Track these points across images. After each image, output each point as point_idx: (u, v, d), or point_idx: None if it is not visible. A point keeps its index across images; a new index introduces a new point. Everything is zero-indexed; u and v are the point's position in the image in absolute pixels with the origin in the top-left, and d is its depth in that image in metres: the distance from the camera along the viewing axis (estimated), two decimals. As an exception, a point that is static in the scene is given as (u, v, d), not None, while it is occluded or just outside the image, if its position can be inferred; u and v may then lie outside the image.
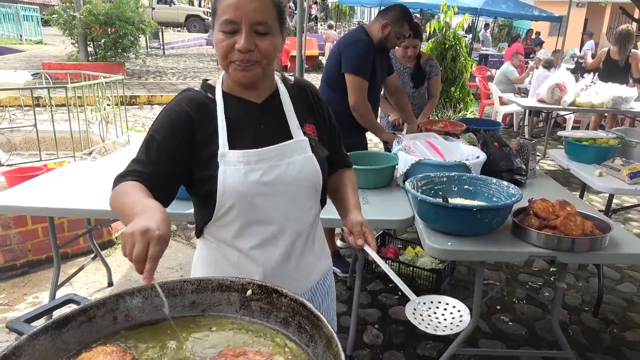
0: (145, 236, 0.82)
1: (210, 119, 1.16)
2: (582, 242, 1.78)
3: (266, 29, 1.08)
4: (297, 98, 1.27)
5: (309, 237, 1.28)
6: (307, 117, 1.26)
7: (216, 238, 1.22)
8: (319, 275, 1.34)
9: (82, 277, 3.16)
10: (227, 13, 1.06)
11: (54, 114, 4.18)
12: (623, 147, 3.03)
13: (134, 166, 1.11)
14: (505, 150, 2.54)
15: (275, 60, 1.17)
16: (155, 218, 0.86)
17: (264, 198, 1.15)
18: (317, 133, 1.27)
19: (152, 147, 1.12)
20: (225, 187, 1.12)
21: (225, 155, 1.13)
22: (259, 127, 1.18)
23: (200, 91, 1.21)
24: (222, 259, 1.23)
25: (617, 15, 18.66)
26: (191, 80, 11.59)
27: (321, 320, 0.82)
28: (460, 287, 3.24)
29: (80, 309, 0.87)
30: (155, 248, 0.83)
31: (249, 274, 1.18)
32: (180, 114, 1.15)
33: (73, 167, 2.86)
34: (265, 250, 1.19)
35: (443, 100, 7.46)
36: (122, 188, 1.05)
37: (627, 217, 4.58)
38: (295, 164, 1.18)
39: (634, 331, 2.82)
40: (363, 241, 1.21)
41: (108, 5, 10.57)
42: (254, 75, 1.12)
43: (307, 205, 1.24)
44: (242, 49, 1.07)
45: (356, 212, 1.29)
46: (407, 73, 3.56)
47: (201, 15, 23.43)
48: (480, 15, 13.90)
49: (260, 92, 1.21)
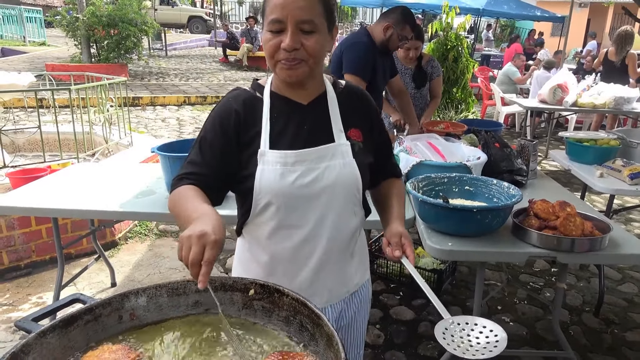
0: (202, 240, 0.85)
1: (256, 117, 1.17)
2: (582, 243, 1.79)
3: (312, 27, 1.08)
4: (346, 102, 1.25)
5: (348, 246, 1.25)
6: (353, 121, 1.24)
7: (252, 238, 1.23)
8: (354, 287, 1.31)
9: (85, 278, 3.19)
10: (273, 12, 1.07)
11: (58, 116, 4.21)
12: (624, 147, 3.04)
13: (189, 168, 1.14)
14: (506, 151, 2.55)
15: (323, 59, 1.16)
16: (212, 223, 0.89)
17: (298, 200, 1.14)
18: (362, 139, 1.24)
19: (205, 147, 1.15)
20: (261, 185, 1.13)
21: (264, 154, 1.13)
22: (302, 128, 1.18)
23: (249, 90, 1.22)
24: (254, 260, 1.24)
25: (620, 16, 18.62)
26: (194, 82, 11.63)
27: (322, 319, 0.84)
28: (462, 287, 3.26)
29: (86, 308, 0.88)
30: (211, 252, 0.85)
31: (277, 277, 1.19)
32: (230, 113, 1.17)
33: (76, 169, 2.89)
34: (297, 255, 1.19)
35: (445, 101, 7.46)
36: (180, 192, 1.08)
37: (628, 218, 4.58)
38: (334, 168, 1.16)
39: (635, 331, 2.83)
40: (401, 253, 1.17)
41: (111, 7, 10.61)
42: (300, 74, 1.11)
43: (346, 212, 1.21)
44: (287, 48, 1.07)
45: (397, 222, 1.25)
46: (408, 74, 3.58)
47: (203, 16, 23.51)
48: (482, 15, 13.88)
49: (307, 93, 1.20)
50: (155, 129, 7.50)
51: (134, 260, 3.49)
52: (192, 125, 7.87)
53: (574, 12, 7.12)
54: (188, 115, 8.64)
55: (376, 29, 2.92)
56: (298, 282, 1.20)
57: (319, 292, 1.23)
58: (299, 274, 1.20)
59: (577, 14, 15.89)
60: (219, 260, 3.54)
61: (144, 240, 3.81)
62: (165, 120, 8.17)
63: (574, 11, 7.56)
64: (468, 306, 2.96)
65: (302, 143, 1.15)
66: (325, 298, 1.25)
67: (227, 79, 12.46)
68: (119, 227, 3.70)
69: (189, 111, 9.02)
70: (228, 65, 14.76)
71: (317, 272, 1.21)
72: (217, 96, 9.96)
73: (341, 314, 1.31)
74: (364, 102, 1.30)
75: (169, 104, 9.45)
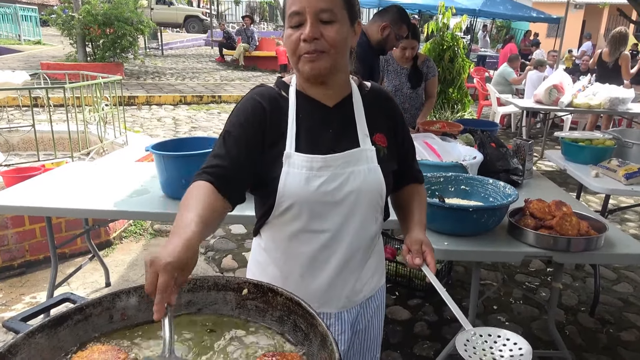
0: (153, 267, 0.81)
1: (281, 116, 1.14)
2: (578, 242, 1.79)
3: (331, 17, 1.05)
4: (371, 105, 1.22)
5: (366, 251, 1.24)
6: (378, 126, 1.21)
7: (269, 239, 1.21)
8: (370, 291, 1.29)
9: (79, 277, 3.16)
10: (292, 6, 1.05)
11: (52, 114, 4.18)
12: (619, 147, 3.04)
13: (213, 160, 1.09)
14: (502, 151, 2.55)
15: (346, 52, 1.12)
16: (173, 244, 0.84)
17: (322, 205, 1.12)
18: (387, 144, 1.21)
19: (229, 141, 1.11)
20: (285, 188, 1.10)
21: (290, 157, 1.11)
22: (328, 131, 1.15)
23: (274, 88, 1.19)
24: (271, 262, 1.22)
25: (615, 17, 18.70)
26: (190, 81, 11.59)
27: (316, 319, 0.83)
28: (458, 287, 3.25)
29: (76, 307, 0.87)
30: (162, 278, 0.79)
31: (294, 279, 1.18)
32: (255, 107, 1.14)
33: (71, 168, 2.86)
34: (316, 259, 1.17)
35: (441, 101, 7.47)
36: (189, 193, 1.02)
37: (623, 218, 4.59)
38: (359, 174, 1.14)
39: (630, 331, 2.83)
40: (421, 261, 1.14)
41: (107, 6, 10.56)
42: (322, 67, 1.08)
43: (369, 218, 1.20)
44: (307, 38, 1.04)
45: (418, 229, 1.22)
46: (404, 74, 3.57)
47: (200, 15, 23.45)
48: (478, 16, 13.93)
49: (332, 94, 1.18)
50: (150, 128, 7.47)
51: (129, 260, 3.46)
52: (188, 125, 7.85)
53: (569, 13, 7.16)
54: (184, 115, 8.61)
55: (372, 28, 2.91)
56: (315, 286, 1.19)
57: (336, 296, 1.22)
58: (317, 278, 1.19)
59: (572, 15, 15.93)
60: (214, 260, 3.52)
61: (138, 240, 3.79)
62: (161, 120, 8.14)
63: (570, 12, 7.60)
64: (464, 306, 2.95)
65: (327, 146, 1.13)
66: (342, 303, 1.23)
67: (223, 78, 12.43)
68: (113, 226, 3.68)
69: (185, 110, 8.99)
70: (224, 65, 14.72)
71: (336, 276, 1.19)
72: (213, 96, 9.94)
73: (357, 318, 1.30)
74: (389, 106, 1.27)
75: (165, 103, 9.42)
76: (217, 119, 8.40)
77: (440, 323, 2.81)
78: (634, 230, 4.35)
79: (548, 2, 17.83)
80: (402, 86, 3.56)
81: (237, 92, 10.39)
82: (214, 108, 9.35)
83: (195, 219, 0.91)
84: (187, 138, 3.54)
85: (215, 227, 1.02)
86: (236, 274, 3.34)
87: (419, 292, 3.08)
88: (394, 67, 3.56)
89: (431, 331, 2.75)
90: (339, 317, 1.24)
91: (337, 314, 1.24)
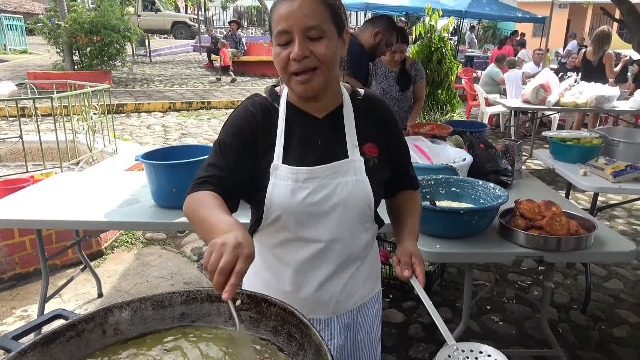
0: (237, 250, 0.82)
1: (271, 127, 1.15)
2: (568, 242, 1.81)
3: (319, 33, 1.05)
4: (363, 114, 1.22)
5: (357, 260, 1.24)
6: (370, 135, 1.21)
7: (262, 245, 1.22)
8: (362, 298, 1.29)
9: (71, 289, 3.13)
10: (279, 24, 1.05)
11: (40, 124, 4.15)
12: (606, 146, 3.08)
13: (210, 170, 1.10)
14: (491, 152, 2.57)
15: (336, 66, 1.12)
16: (246, 237, 0.87)
17: (309, 216, 1.13)
18: (378, 153, 1.21)
19: (224, 150, 1.13)
20: (272, 200, 1.12)
21: (277, 168, 1.12)
22: (316, 143, 1.16)
23: (267, 98, 1.20)
24: (264, 266, 1.24)
25: (599, 16, 18.95)
26: (178, 87, 11.55)
27: (310, 329, 0.83)
28: (451, 287, 3.27)
29: (68, 324, 0.86)
30: (243, 264, 0.82)
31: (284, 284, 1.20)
32: (247, 116, 1.15)
33: (60, 178, 2.84)
34: (305, 267, 1.18)
35: (430, 103, 7.52)
36: (200, 198, 1.04)
37: (612, 215, 4.64)
38: (346, 185, 1.14)
39: (621, 327, 2.86)
40: (410, 273, 1.13)
41: (93, 14, 10.51)
42: (316, 86, 1.09)
43: (358, 228, 1.20)
44: (296, 57, 1.04)
45: (409, 240, 1.22)
46: (392, 77, 3.60)
47: (187, 21, 23.40)
48: (465, 17, 14.03)
49: (323, 105, 1.18)
50: (140, 136, 7.43)
51: (121, 270, 3.44)
52: (178, 132, 7.81)
53: (554, 12, 7.24)
54: (173, 122, 8.57)
55: (364, 34, 3.01)
56: (306, 292, 1.21)
57: (325, 303, 1.23)
58: (307, 284, 1.20)
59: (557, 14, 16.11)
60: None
61: (130, 249, 3.76)
62: (150, 127, 8.10)
63: (554, 12, 7.68)
64: (458, 307, 2.97)
65: (315, 158, 1.14)
66: (332, 309, 1.24)
67: (212, 84, 12.40)
68: (104, 236, 3.65)
69: (174, 117, 8.96)
70: (213, 71, 14.69)
71: (325, 283, 1.20)
72: (202, 102, 9.92)
73: (355, 326, 1.31)
74: (382, 113, 1.26)
75: (154, 111, 9.37)
76: (206, 125, 8.37)
77: (434, 325, 2.79)
78: (622, 226, 4.40)
79: (533, 2, 18.03)
80: (391, 89, 3.58)
81: (226, 98, 10.38)
82: (204, 114, 9.33)
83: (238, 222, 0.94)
84: (177, 146, 3.53)
85: None
86: (230, 281, 3.33)
87: (413, 294, 3.09)
88: (382, 71, 3.58)
89: (426, 333, 2.76)
90: (329, 323, 1.25)
91: (327, 319, 1.25)
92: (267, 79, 13.59)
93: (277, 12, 1.06)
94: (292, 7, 1.04)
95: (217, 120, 8.80)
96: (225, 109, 9.81)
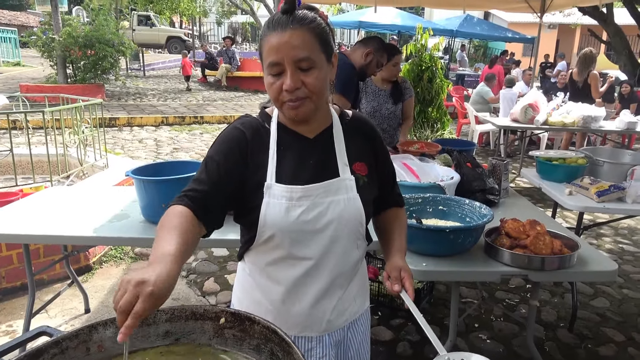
0: (137, 288, 0.80)
1: (263, 147, 1.17)
2: (552, 261, 1.84)
3: (310, 64, 1.08)
4: (352, 134, 1.25)
5: (348, 277, 1.26)
6: (359, 155, 1.24)
7: (253, 264, 1.23)
8: (352, 315, 1.31)
9: (58, 304, 3.10)
10: (270, 56, 1.08)
11: (32, 137, 4.14)
12: (591, 166, 3.13)
13: (193, 185, 1.12)
14: (478, 171, 2.61)
15: (326, 92, 1.16)
16: (157, 272, 0.84)
17: (303, 234, 1.15)
18: (367, 172, 1.24)
19: (211, 167, 1.14)
20: (266, 219, 1.13)
21: (270, 187, 1.14)
22: (308, 162, 1.18)
23: (257, 119, 1.22)
24: (255, 286, 1.25)
25: (587, 37, 19.35)
26: (172, 102, 11.59)
27: (292, 347, 0.84)
28: (440, 305, 3.28)
29: (52, 341, 0.87)
30: (142, 305, 0.79)
31: (276, 303, 1.21)
32: (238, 136, 1.17)
33: (49, 193, 2.84)
34: (297, 285, 1.20)
35: (421, 121, 7.61)
36: (166, 218, 1.04)
37: (599, 233, 4.70)
38: (338, 204, 1.17)
39: (607, 346, 2.88)
40: (400, 287, 1.18)
41: (88, 28, 10.56)
42: (307, 111, 1.12)
43: (350, 245, 1.23)
44: (288, 89, 1.07)
45: (398, 256, 1.26)
46: (382, 95, 3.65)
47: (182, 36, 23.56)
48: (456, 37, 14.28)
49: (313, 127, 1.21)
50: (132, 150, 7.42)
51: (109, 285, 3.41)
52: (170, 146, 7.82)
53: (543, 33, 7.38)
54: (166, 136, 8.58)
55: (355, 54, 3.06)
56: (298, 310, 1.21)
57: (317, 320, 1.24)
58: (299, 302, 1.21)
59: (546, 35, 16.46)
60: (196, 283, 3.50)
61: (119, 264, 3.74)
62: (142, 141, 8.10)
63: (543, 32, 7.83)
64: (446, 325, 2.97)
65: (307, 177, 1.16)
66: (324, 327, 1.25)
67: (205, 99, 12.45)
68: (93, 251, 3.63)
69: (166, 131, 8.97)
70: (207, 85, 14.77)
71: (317, 301, 1.22)
72: (195, 116, 9.95)
73: (346, 343, 1.32)
74: (369, 133, 1.30)
75: (147, 125, 9.39)
76: (199, 140, 8.39)
77: (422, 342, 2.82)
78: (609, 245, 4.45)
79: (523, 22, 18.39)
80: (381, 107, 3.63)
81: (219, 113, 10.42)
82: (196, 129, 9.35)
83: (176, 248, 0.93)
84: (168, 162, 3.54)
85: (190, 255, 1.04)
86: (218, 297, 3.31)
87: (402, 312, 3.10)
88: (372, 89, 3.64)
89: (414, 351, 2.77)
90: (320, 341, 1.26)
91: (319, 337, 1.25)
92: (260, 94, 13.68)
93: (268, 43, 1.09)
94: (283, 38, 1.07)
95: (209, 135, 8.82)
96: (218, 124, 9.85)
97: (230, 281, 3.51)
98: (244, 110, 10.74)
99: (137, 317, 0.78)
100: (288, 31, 1.07)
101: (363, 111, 3.55)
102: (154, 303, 0.81)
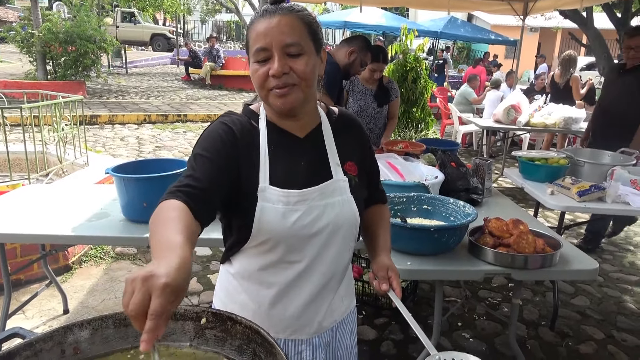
0: (147, 284, 0.67)
1: (252, 146, 1.11)
2: (534, 260, 1.85)
3: (298, 50, 1.04)
4: (340, 133, 1.21)
5: (340, 278, 1.24)
6: (349, 154, 1.21)
7: (241, 267, 1.18)
8: (341, 315, 1.29)
9: (35, 305, 3.03)
10: (257, 42, 1.04)
11: (9, 134, 4.04)
12: (572, 166, 3.18)
13: (186, 180, 1.01)
14: (462, 170, 2.62)
15: (315, 82, 1.11)
16: (168, 262, 0.72)
17: (299, 239, 1.11)
18: (357, 172, 1.21)
19: (200, 163, 1.05)
20: (261, 224, 1.08)
21: (264, 190, 1.08)
22: (300, 163, 1.14)
23: (243, 116, 1.16)
24: (242, 290, 1.20)
25: (567, 40, 19.70)
26: (155, 100, 11.44)
27: (275, 348, 0.82)
28: (424, 304, 3.29)
29: (25, 343, 0.83)
30: (158, 301, 0.66)
31: (264, 308, 1.17)
32: (227, 132, 1.10)
33: (27, 191, 2.76)
34: (289, 288, 1.16)
35: (405, 121, 7.64)
36: (161, 212, 0.92)
37: (579, 233, 4.76)
38: (334, 206, 1.13)
39: (587, 344, 2.92)
40: (388, 287, 1.16)
41: (69, 24, 10.36)
42: (294, 100, 1.07)
43: (344, 247, 1.20)
44: (275, 73, 1.03)
45: (384, 254, 1.24)
46: (369, 94, 3.65)
47: (166, 34, 23.34)
48: (440, 38, 14.39)
49: (302, 125, 1.16)
50: (113, 148, 7.30)
51: (89, 285, 3.34)
52: (152, 144, 7.72)
53: (525, 36, 7.48)
54: (148, 134, 8.47)
55: (339, 53, 3.06)
56: (288, 314, 1.18)
57: (308, 323, 1.21)
58: (290, 306, 1.18)
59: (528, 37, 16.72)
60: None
61: (99, 264, 3.67)
62: (124, 139, 7.97)
63: (525, 35, 7.93)
64: (429, 324, 2.98)
65: (302, 179, 1.12)
66: (314, 329, 1.22)
67: (189, 97, 12.33)
68: (72, 250, 3.55)
69: (149, 130, 8.85)
70: (191, 84, 14.63)
71: (308, 304, 1.19)
72: (179, 115, 9.84)
73: (335, 343, 1.30)
74: (356, 131, 1.27)
75: (129, 123, 9.25)
76: (182, 138, 8.30)
77: (406, 341, 2.82)
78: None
79: (505, 25, 18.64)
80: (367, 107, 3.63)
81: (203, 111, 10.32)
82: (180, 127, 9.25)
83: (182, 238, 0.83)
84: (149, 160, 3.48)
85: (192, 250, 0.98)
86: (201, 297, 3.27)
87: (386, 310, 3.10)
88: (359, 88, 3.63)
89: (397, 350, 2.77)
90: (310, 343, 1.23)
91: (309, 340, 1.23)
92: (244, 93, 13.61)
93: (255, 29, 1.06)
94: (271, 24, 1.04)
95: (193, 133, 8.73)
96: (202, 122, 9.75)
97: (213, 281, 3.47)
98: (228, 108, 10.66)
99: (156, 317, 0.66)
100: (277, 17, 1.04)
101: (350, 110, 3.54)
102: (171, 297, 0.68)
